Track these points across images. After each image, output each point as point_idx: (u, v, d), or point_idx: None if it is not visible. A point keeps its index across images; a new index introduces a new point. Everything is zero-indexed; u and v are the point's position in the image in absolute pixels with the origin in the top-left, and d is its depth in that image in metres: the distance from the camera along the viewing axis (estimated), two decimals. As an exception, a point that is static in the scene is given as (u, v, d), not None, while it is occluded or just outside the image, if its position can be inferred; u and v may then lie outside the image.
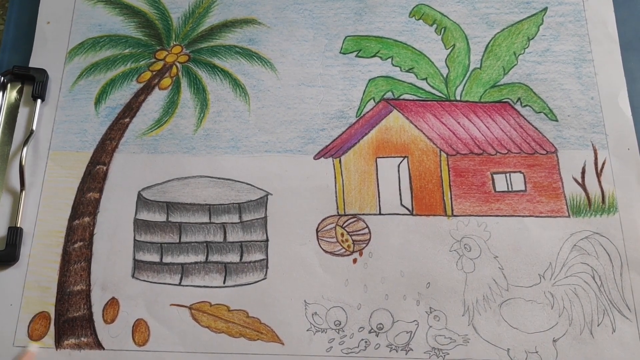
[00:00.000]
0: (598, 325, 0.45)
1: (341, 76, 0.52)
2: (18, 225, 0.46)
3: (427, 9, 0.54)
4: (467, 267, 0.46)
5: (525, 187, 0.49)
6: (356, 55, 0.53)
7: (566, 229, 0.47)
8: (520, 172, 0.49)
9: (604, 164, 0.49)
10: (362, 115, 0.51)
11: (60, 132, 0.49)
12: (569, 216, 0.48)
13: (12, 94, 0.50)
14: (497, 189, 0.48)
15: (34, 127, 0.49)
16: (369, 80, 0.52)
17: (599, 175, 0.49)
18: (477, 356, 0.44)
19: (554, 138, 0.50)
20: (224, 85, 0.52)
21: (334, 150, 0.49)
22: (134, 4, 0.54)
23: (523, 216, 0.48)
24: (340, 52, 0.53)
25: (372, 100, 0.51)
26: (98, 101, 0.51)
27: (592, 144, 0.50)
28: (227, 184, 0.48)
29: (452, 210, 0.48)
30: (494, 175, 0.49)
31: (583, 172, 0.49)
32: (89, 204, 0.47)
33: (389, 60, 0.53)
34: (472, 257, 0.46)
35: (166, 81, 0.52)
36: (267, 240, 0.47)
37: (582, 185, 0.49)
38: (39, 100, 0.49)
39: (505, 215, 0.48)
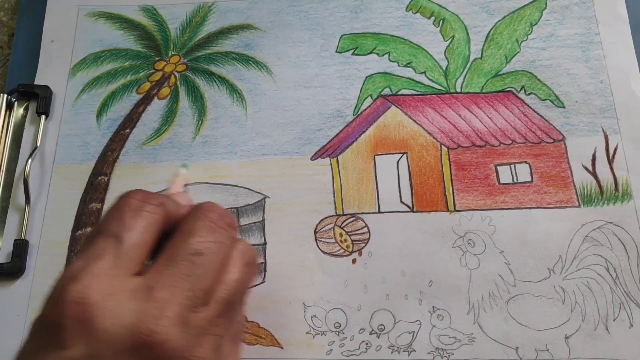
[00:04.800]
0: (614, 320, 0.42)
1: (337, 75, 0.51)
2: (24, 238, 0.47)
3: (425, 1, 0.53)
4: (471, 263, 0.44)
5: (532, 177, 0.46)
6: (352, 53, 0.52)
7: (577, 220, 0.45)
8: (525, 162, 0.47)
9: (615, 149, 0.47)
10: (359, 113, 0.50)
11: (64, 146, 0.51)
12: (579, 206, 0.45)
13: (18, 111, 0.52)
14: (501, 181, 0.47)
15: (39, 143, 0.50)
16: (366, 77, 0.51)
17: (610, 161, 0.46)
18: (483, 356, 0.42)
19: (561, 125, 0.48)
20: (221, 91, 0.52)
21: (331, 150, 0.49)
22: (134, 17, 0.55)
23: (530, 208, 0.46)
24: (336, 51, 0.52)
25: (369, 98, 0.50)
26: (100, 114, 0.52)
27: (603, 130, 0.47)
28: (225, 189, 0.48)
29: (454, 206, 0.46)
30: (498, 167, 0.47)
31: (593, 159, 0.46)
32: (91, 214, 0.48)
33: (386, 56, 0.52)
34: (477, 252, 0.44)
35: (165, 91, 0.52)
36: (265, 243, 0.46)
37: (593, 173, 0.46)
38: (43, 116, 0.51)
39: (510, 208, 0.46)
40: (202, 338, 0.30)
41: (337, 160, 0.48)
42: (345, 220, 0.46)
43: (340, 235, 0.46)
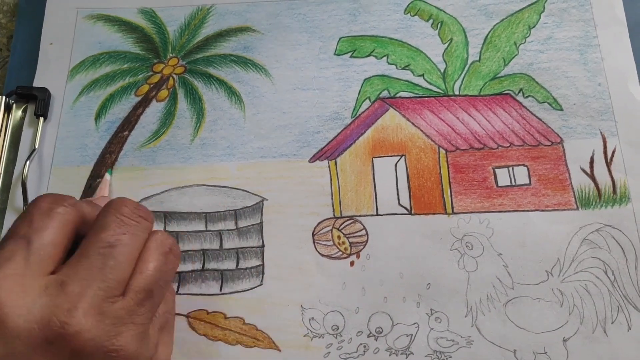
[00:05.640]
0: (612, 323, 0.42)
1: (336, 78, 0.51)
2: (22, 240, 0.47)
3: (423, 4, 0.53)
4: (469, 266, 0.44)
5: (530, 180, 0.46)
6: (351, 56, 0.52)
7: (575, 222, 0.45)
8: (523, 165, 0.47)
9: (614, 152, 0.47)
10: (357, 115, 0.50)
11: (62, 148, 0.51)
12: (577, 209, 0.45)
13: (17, 113, 0.52)
14: (499, 184, 0.47)
15: (37, 145, 0.50)
16: (364, 80, 0.51)
17: (609, 164, 0.46)
18: (481, 358, 0.42)
19: (559, 128, 0.48)
20: (220, 94, 0.52)
21: (329, 152, 0.49)
22: (132, 20, 0.55)
23: (528, 211, 0.46)
24: (334, 54, 0.52)
25: (367, 100, 0.50)
26: (98, 116, 0.52)
27: (601, 132, 0.47)
28: (223, 192, 0.48)
29: (453, 208, 0.46)
30: (496, 170, 0.47)
31: (591, 162, 0.46)
32: (89, 216, 0.48)
33: (384, 58, 0.52)
34: (475, 255, 0.44)
35: (163, 93, 0.52)
36: (263, 245, 0.46)
37: (591, 176, 0.46)
38: (41, 118, 0.51)
39: (508, 211, 0.46)
40: (121, 327, 0.30)
41: (335, 162, 0.48)
42: (343, 223, 0.46)
43: (338, 237, 0.46)
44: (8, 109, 0.52)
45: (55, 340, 0.29)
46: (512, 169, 0.47)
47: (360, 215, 0.47)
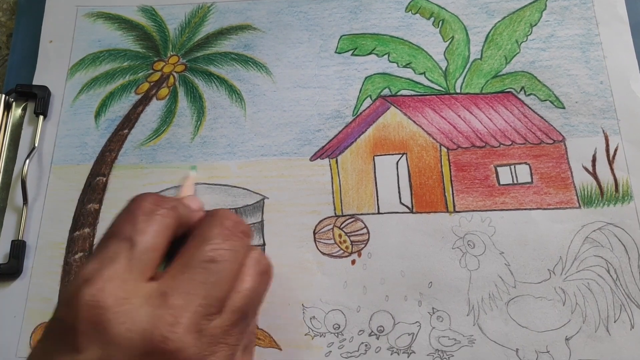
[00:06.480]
0: (615, 322, 0.42)
1: (337, 76, 0.51)
2: (21, 239, 0.47)
3: (424, 2, 0.53)
4: (471, 264, 0.44)
5: (532, 178, 0.46)
6: (352, 54, 0.52)
7: (577, 221, 0.45)
8: (525, 163, 0.47)
9: (616, 150, 0.46)
10: (358, 113, 0.50)
11: (62, 146, 0.50)
12: (579, 207, 0.45)
13: (17, 112, 0.52)
14: (501, 182, 0.46)
15: (37, 143, 0.50)
16: (365, 78, 0.51)
17: (611, 162, 0.46)
18: (483, 357, 0.42)
19: (561, 126, 0.48)
20: (220, 92, 0.52)
21: (331, 150, 0.48)
22: (132, 17, 0.55)
23: (530, 209, 0.45)
24: (335, 52, 0.52)
25: (368, 98, 0.50)
26: (98, 114, 0.51)
27: (603, 130, 0.47)
28: (224, 190, 0.48)
29: (454, 206, 0.46)
30: (498, 168, 0.47)
31: (594, 160, 0.46)
32: (89, 215, 0.48)
33: (386, 56, 0.51)
34: (476, 254, 0.44)
35: (163, 91, 0.52)
36: (263, 244, 0.46)
37: (593, 174, 0.46)
38: (41, 117, 0.51)
39: (510, 209, 0.45)
40: (215, 347, 0.30)
41: (337, 161, 0.48)
42: (345, 221, 0.46)
43: (340, 236, 0.46)
44: (8, 107, 0.52)
45: (153, 354, 0.28)
46: (514, 167, 0.47)
47: (361, 214, 0.46)
